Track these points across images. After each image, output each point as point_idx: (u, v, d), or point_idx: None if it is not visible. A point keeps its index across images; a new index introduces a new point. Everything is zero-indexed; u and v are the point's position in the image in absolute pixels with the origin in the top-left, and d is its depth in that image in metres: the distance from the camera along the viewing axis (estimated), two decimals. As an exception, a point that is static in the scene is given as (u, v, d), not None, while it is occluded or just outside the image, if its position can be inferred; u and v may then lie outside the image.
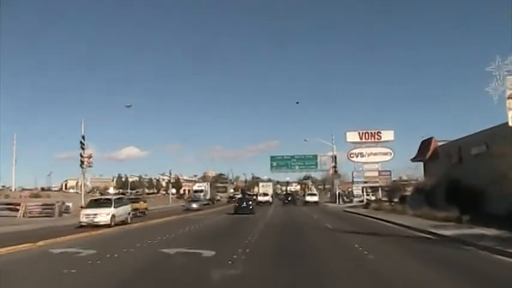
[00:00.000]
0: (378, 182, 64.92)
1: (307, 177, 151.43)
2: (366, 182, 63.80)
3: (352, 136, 65.30)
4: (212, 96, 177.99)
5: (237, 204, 36.42)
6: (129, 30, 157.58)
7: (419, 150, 40.13)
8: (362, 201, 60.13)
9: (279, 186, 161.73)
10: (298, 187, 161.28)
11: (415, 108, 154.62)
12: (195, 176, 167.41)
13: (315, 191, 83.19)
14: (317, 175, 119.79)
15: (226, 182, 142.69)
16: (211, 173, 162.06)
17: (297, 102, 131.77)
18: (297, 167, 77.95)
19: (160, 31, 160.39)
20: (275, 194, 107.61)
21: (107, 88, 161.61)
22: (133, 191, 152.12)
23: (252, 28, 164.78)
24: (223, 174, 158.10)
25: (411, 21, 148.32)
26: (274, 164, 78.28)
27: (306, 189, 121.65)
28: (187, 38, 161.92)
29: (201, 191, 68.35)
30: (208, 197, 68.18)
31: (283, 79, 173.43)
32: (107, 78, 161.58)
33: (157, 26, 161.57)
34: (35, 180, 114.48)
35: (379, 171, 64.63)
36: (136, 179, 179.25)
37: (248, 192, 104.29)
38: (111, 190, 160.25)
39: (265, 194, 70.08)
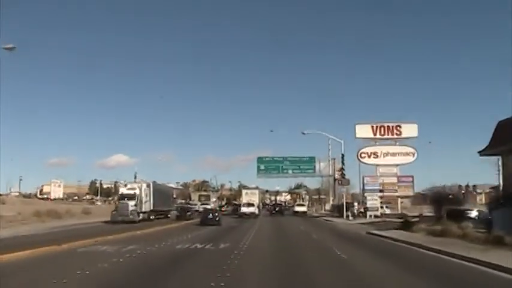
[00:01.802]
0: (396, 191, 49.75)
1: (298, 186, 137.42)
2: (381, 191, 48.47)
3: (364, 130, 50.11)
4: (204, 105, 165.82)
5: (203, 215, 35.26)
6: (124, 38, 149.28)
7: (493, 137, 24.87)
8: (378, 216, 44.72)
9: (268, 195, 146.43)
10: (289, 197, 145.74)
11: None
12: (177, 183, 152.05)
13: (303, 202, 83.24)
14: (312, 183, 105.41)
15: (209, 190, 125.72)
16: (198, 181, 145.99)
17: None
18: (290, 171, 62.16)
19: (152, 40, 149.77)
20: (263, 205, 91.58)
21: (102, 93, 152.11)
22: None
23: (244, 34, 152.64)
24: (207, 182, 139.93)
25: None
26: (262, 167, 62.45)
27: (298, 200, 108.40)
28: (182, 47, 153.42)
29: (132, 197, 35.73)
30: (146, 207, 37.28)
31: (275, 87, 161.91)
32: (103, 84, 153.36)
33: (150, 34, 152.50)
34: (6, 185, 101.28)
35: (399, 177, 49.48)
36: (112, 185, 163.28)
37: (234, 202, 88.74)
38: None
39: (250, 204, 54.12)
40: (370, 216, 44.29)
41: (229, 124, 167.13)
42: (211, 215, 34.37)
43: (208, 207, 52.91)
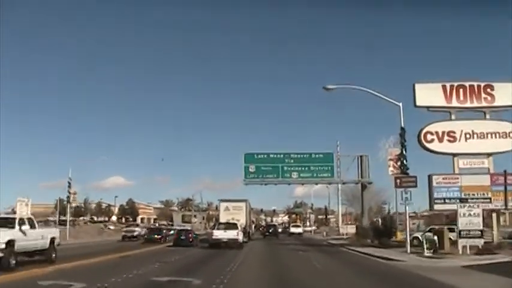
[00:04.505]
0: (489, 200, 27.77)
1: (298, 205, 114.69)
2: (462, 200, 26.42)
3: (430, 94, 28.30)
4: (200, 125, 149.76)
5: (175, 236, 33.04)
6: (118, 66, 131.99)
7: None
8: (484, 250, 22.58)
9: (263, 216, 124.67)
10: (286, 218, 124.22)
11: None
12: (161, 201, 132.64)
13: (299, 223, 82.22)
14: (318, 199, 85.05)
15: (192, 209, 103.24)
16: (182, 199, 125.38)
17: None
18: (294, 176, 39.98)
19: (147, 66, 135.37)
20: (255, 227, 68.87)
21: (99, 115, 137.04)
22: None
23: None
24: (191, 200, 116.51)
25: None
26: (252, 168, 40.27)
27: (298, 221, 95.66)
28: (181, 63, 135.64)
29: None
30: None
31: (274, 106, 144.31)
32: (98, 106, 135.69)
33: (143, 62, 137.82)
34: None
35: (493, 175, 27.59)
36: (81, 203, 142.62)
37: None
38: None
39: (230, 226, 31.07)
40: (464, 247, 22.11)
41: (226, 146, 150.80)
42: (183, 236, 32.18)
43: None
